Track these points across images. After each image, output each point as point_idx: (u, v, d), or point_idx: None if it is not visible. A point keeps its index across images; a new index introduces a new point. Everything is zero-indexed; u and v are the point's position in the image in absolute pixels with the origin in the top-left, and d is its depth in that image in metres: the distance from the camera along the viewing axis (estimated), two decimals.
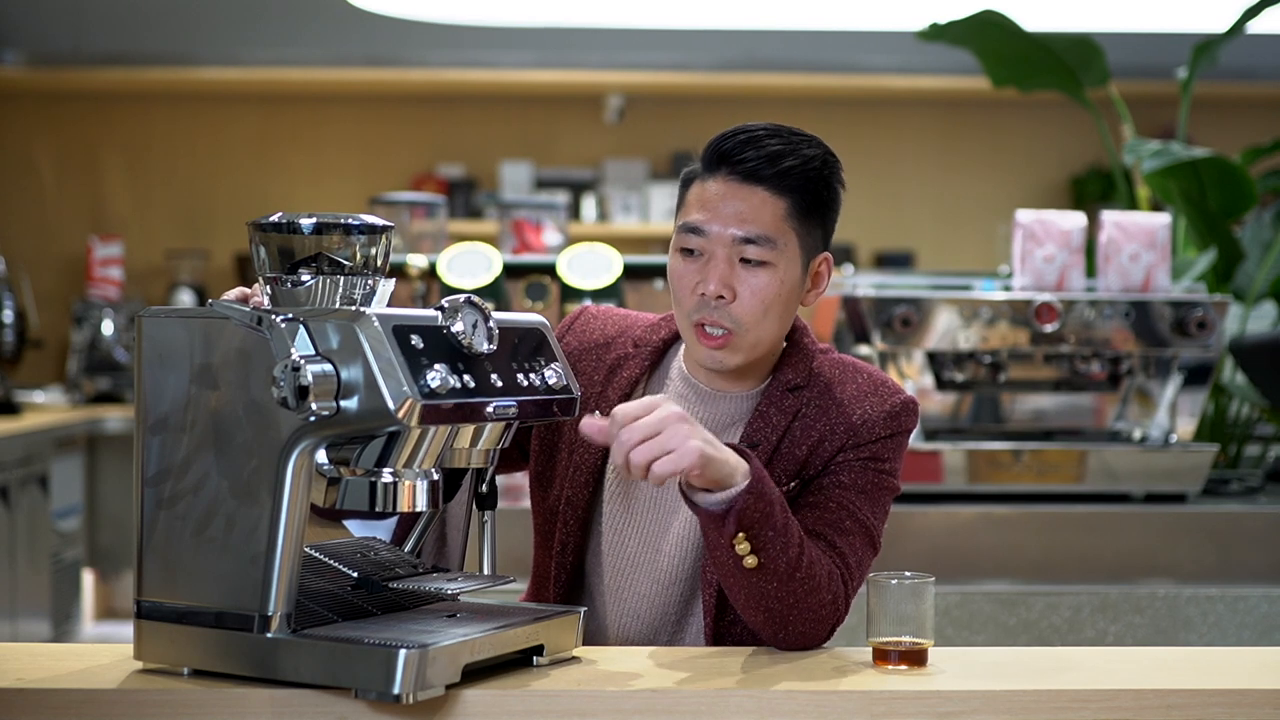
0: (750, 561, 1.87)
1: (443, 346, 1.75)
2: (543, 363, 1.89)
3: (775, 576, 1.89)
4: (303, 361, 1.66)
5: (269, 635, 1.73)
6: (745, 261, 2.02)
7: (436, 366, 1.71)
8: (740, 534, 1.86)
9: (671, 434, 1.80)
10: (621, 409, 1.82)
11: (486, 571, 1.96)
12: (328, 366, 1.68)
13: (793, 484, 2.06)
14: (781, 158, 2.03)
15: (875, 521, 2.05)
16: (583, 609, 1.93)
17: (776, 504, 1.89)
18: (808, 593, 1.92)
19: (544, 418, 1.89)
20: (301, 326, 1.70)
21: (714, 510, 1.86)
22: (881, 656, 1.87)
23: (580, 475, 2.12)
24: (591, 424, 1.84)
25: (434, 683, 1.69)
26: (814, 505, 2.03)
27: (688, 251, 2.05)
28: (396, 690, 1.67)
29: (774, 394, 2.09)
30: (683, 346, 2.16)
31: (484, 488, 1.99)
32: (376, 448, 1.75)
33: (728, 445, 1.88)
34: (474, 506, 1.99)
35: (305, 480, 1.73)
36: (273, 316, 1.70)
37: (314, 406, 1.66)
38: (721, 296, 2.02)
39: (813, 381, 2.10)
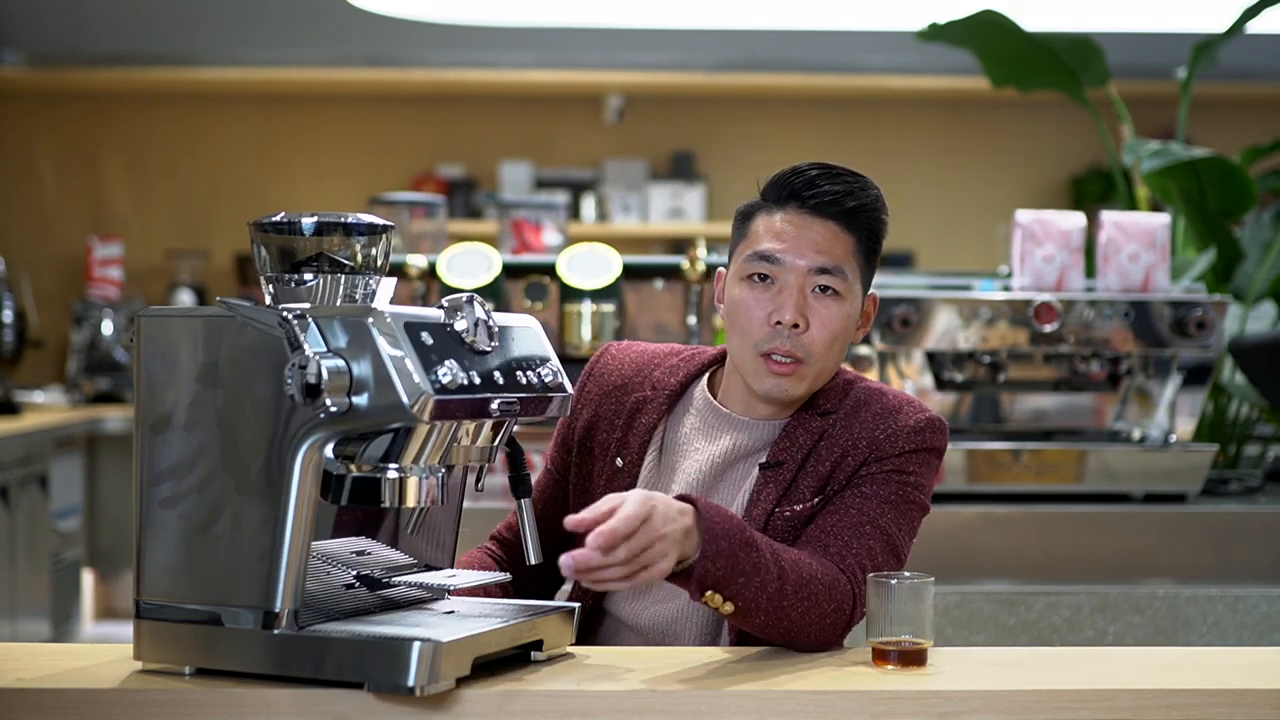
0: (728, 609, 1.87)
1: (450, 344, 1.76)
2: (538, 361, 1.90)
3: (760, 611, 1.89)
4: (316, 357, 1.67)
5: (276, 632, 1.73)
6: (817, 292, 2.05)
7: (447, 363, 1.72)
8: (710, 592, 1.86)
9: (650, 552, 1.76)
10: (602, 532, 1.74)
11: (531, 557, 1.95)
12: (340, 362, 1.68)
13: (815, 500, 2.06)
14: (851, 195, 2.07)
15: (897, 531, 2.04)
16: (577, 604, 1.94)
17: (739, 549, 1.85)
18: (805, 611, 1.92)
19: (544, 416, 1.90)
20: (312, 323, 1.70)
21: (678, 579, 1.85)
22: (881, 656, 1.87)
23: None
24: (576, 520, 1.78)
25: (446, 675, 1.70)
26: (833, 512, 2.04)
27: (757, 279, 2.06)
28: (411, 683, 1.67)
29: (803, 417, 2.10)
30: (704, 380, 2.17)
31: (519, 474, 1.97)
32: (383, 443, 1.75)
33: (680, 498, 1.85)
34: (512, 494, 1.97)
35: (314, 476, 1.73)
36: (283, 313, 1.71)
37: (327, 402, 1.67)
38: (796, 325, 2.04)
39: (842, 406, 2.11)
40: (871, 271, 2.13)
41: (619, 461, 2.11)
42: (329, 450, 1.74)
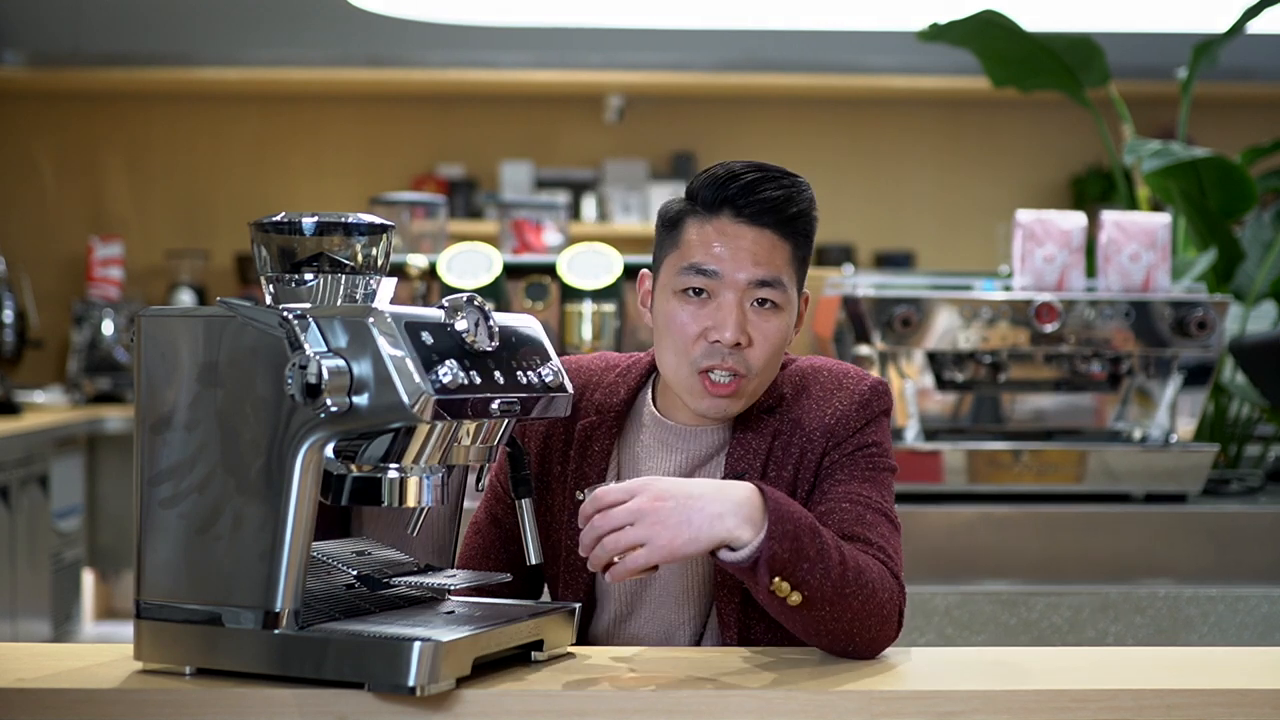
0: (795, 599, 1.80)
1: (449, 344, 1.76)
2: (539, 361, 1.90)
3: (826, 601, 1.82)
4: (316, 357, 1.67)
5: (276, 632, 1.73)
6: (756, 305, 1.97)
7: (447, 363, 1.72)
8: (775, 579, 1.79)
9: (645, 528, 1.77)
10: (601, 492, 1.79)
11: (532, 556, 1.95)
12: (340, 362, 1.68)
13: None
14: (790, 201, 1.97)
15: (885, 503, 2.00)
16: (577, 604, 1.93)
17: (805, 533, 1.80)
18: (865, 600, 1.85)
19: (544, 414, 1.90)
20: (312, 323, 1.70)
21: (742, 564, 1.79)
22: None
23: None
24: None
25: (447, 675, 1.70)
26: (829, 513, 1.98)
27: (692, 293, 1.98)
28: (411, 682, 1.67)
29: (749, 419, 2.05)
30: (647, 393, 2.11)
31: (521, 474, 1.96)
32: (383, 443, 1.75)
33: (748, 481, 1.84)
34: (512, 495, 1.97)
35: (314, 475, 1.73)
36: (284, 313, 1.70)
37: (327, 402, 1.67)
38: (738, 344, 1.96)
39: (783, 400, 2.06)
40: (805, 272, 2.04)
41: (580, 495, 2.05)
42: (329, 450, 1.74)
